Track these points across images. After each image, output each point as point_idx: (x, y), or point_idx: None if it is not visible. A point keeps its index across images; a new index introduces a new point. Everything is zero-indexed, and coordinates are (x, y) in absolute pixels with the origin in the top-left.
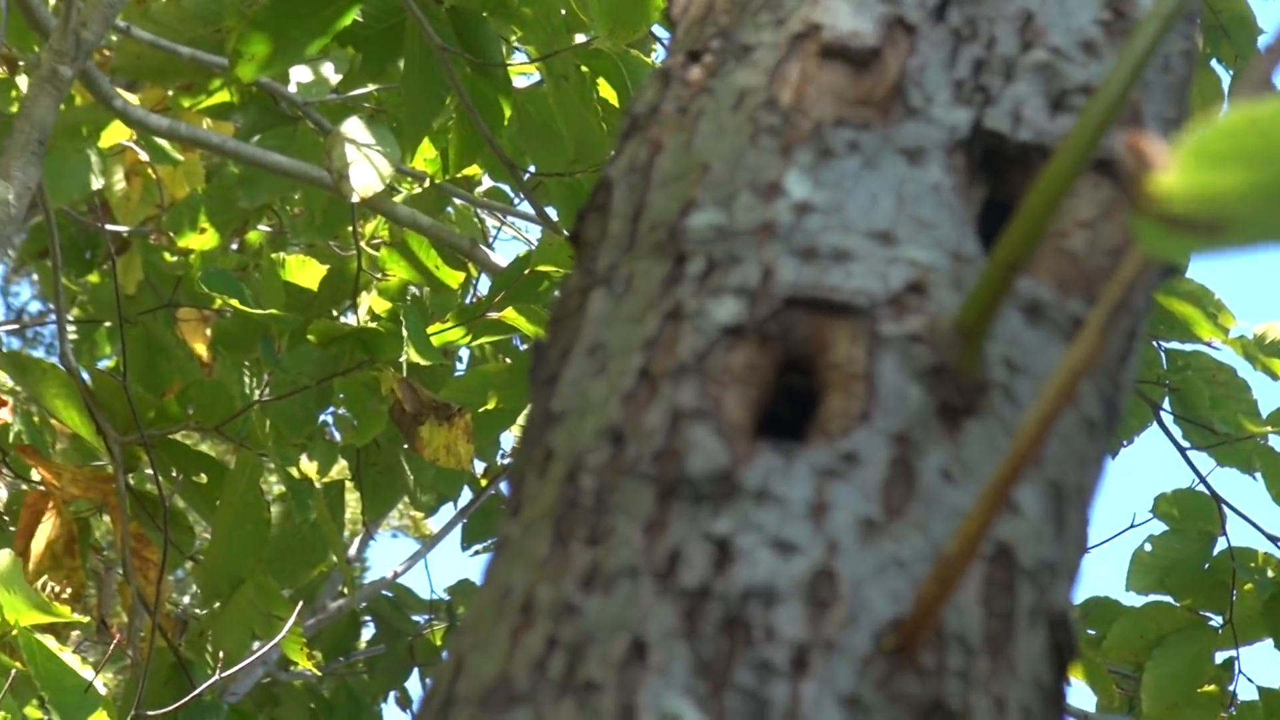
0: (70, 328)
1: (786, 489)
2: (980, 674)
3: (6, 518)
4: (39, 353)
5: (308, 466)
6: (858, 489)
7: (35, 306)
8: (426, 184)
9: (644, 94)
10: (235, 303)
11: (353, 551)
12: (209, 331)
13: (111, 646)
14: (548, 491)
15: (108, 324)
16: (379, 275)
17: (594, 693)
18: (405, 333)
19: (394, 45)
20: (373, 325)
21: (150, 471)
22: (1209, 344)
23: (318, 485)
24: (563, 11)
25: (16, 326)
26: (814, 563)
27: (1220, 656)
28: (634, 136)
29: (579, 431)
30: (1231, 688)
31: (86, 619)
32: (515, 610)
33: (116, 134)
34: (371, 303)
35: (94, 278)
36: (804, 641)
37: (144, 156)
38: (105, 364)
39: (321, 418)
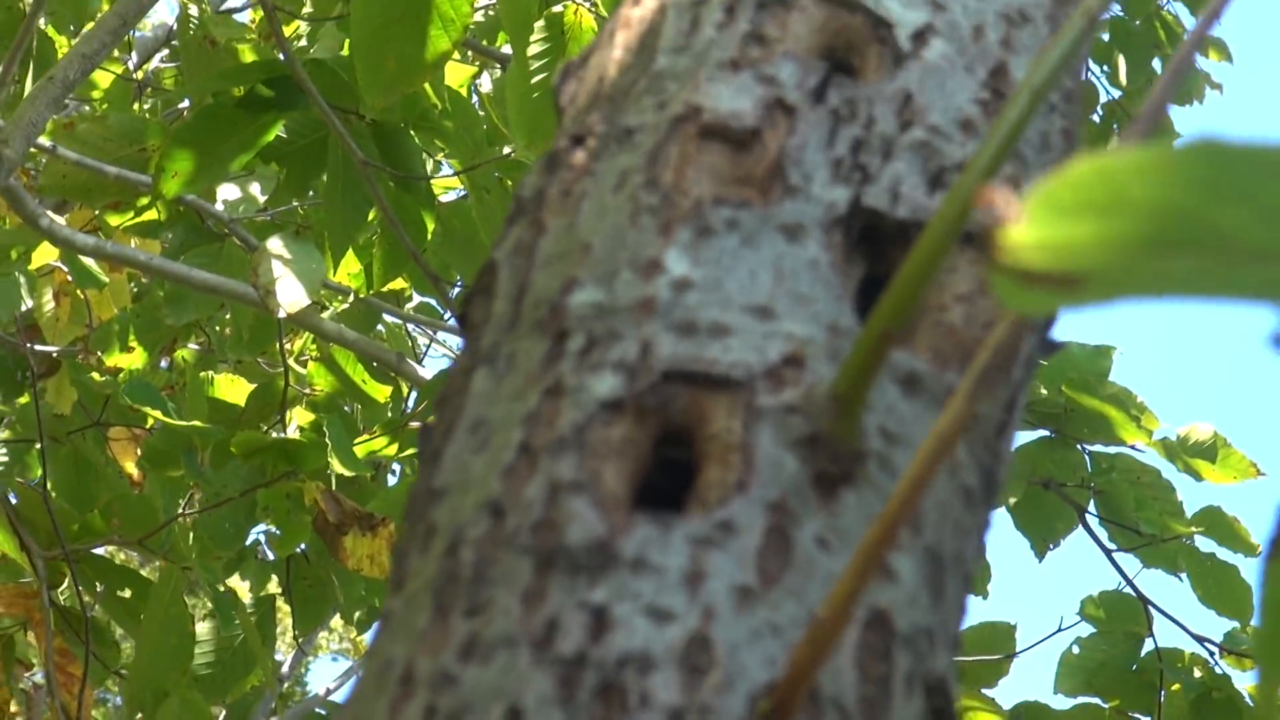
0: (0, 450)
1: (663, 558)
2: None
3: None
4: None
5: (238, 585)
6: (733, 557)
7: None
8: (351, 299)
9: (530, 179)
10: (158, 413)
11: (286, 668)
12: (139, 450)
13: None
14: (429, 566)
15: (38, 445)
16: (307, 391)
17: None
18: (329, 443)
19: (317, 160)
20: (296, 437)
21: (75, 587)
22: (1133, 446)
23: (246, 601)
24: (484, 126)
25: None
26: (689, 629)
27: None
28: (519, 220)
29: (460, 506)
30: None
31: None
32: (395, 682)
33: (45, 255)
34: (296, 415)
35: (24, 399)
36: (679, 707)
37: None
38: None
39: (253, 535)
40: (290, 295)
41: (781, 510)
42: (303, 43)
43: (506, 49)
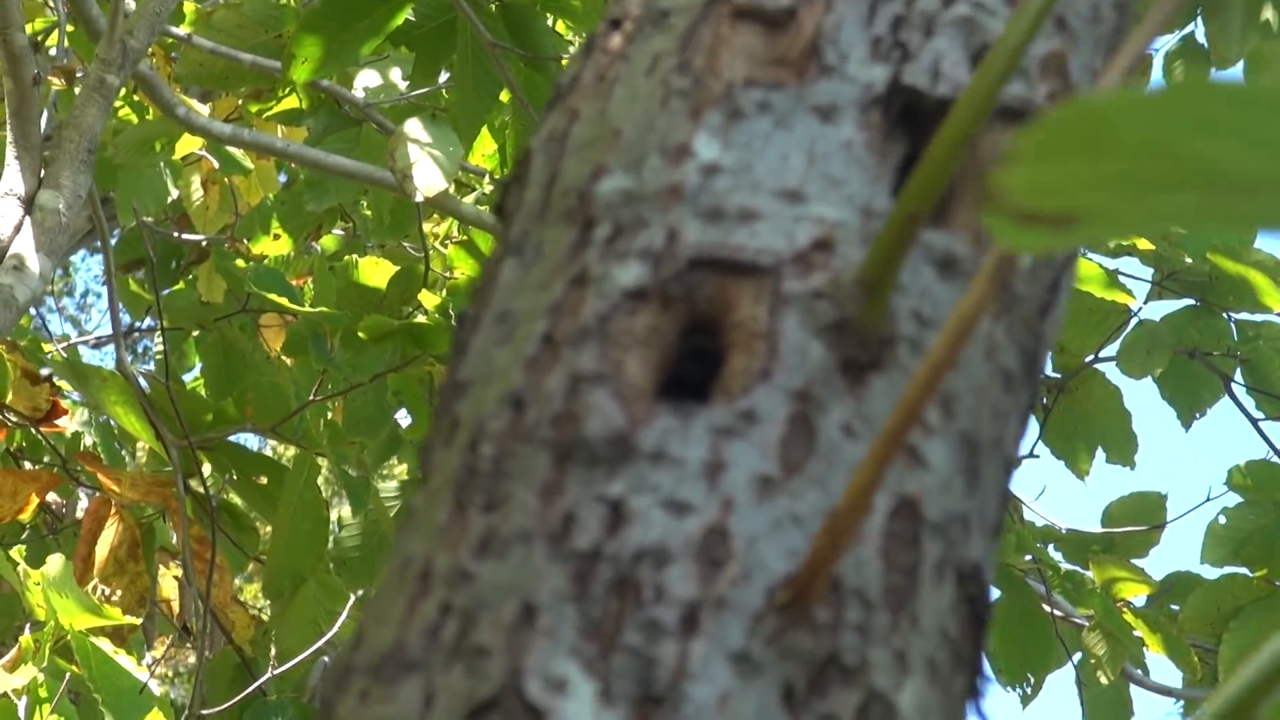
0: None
1: (683, 449)
2: (880, 628)
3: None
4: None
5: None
6: (755, 447)
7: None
8: (487, 181)
9: (570, 65)
10: (285, 301)
11: None
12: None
13: (163, 649)
14: (451, 460)
15: (196, 333)
16: (448, 274)
17: (483, 658)
18: (454, 324)
19: (447, 43)
20: (421, 320)
21: (214, 475)
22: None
23: (376, 484)
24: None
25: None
26: (707, 521)
27: None
28: (555, 107)
29: (483, 399)
30: None
31: (139, 620)
32: (414, 579)
33: (190, 144)
34: (422, 298)
35: (181, 286)
36: (694, 600)
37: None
38: (193, 374)
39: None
40: (427, 179)
41: (806, 398)
42: None
43: None
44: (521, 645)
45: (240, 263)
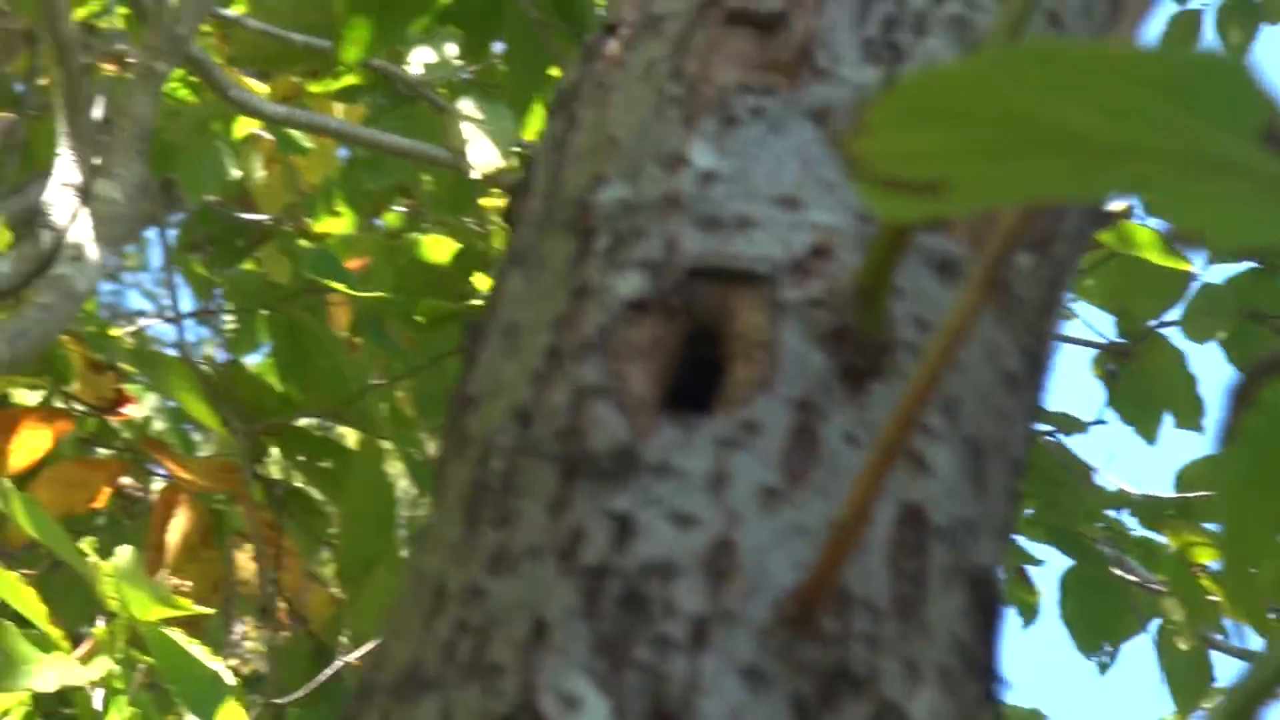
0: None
1: (686, 461)
2: (889, 637)
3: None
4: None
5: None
6: (758, 457)
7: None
8: None
9: (569, 69)
10: (341, 286)
11: None
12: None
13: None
14: (462, 475)
15: (264, 313)
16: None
17: (498, 675)
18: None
19: (495, 20)
20: (479, 303)
21: (281, 460)
22: None
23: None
24: None
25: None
26: (713, 534)
27: None
28: (557, 114)
29: (491, 413)
30: None
31: (213, 610)
32: (429, 596)
33: (249, 125)
34: (477, 281)
35: (249, 265)
36: (702, 614)
37: None
38: (263, 352)
39: None
40: (482, 156)
41: (807, 407)
42: None
43: None
44: (535, 662)
45: (304, 243)
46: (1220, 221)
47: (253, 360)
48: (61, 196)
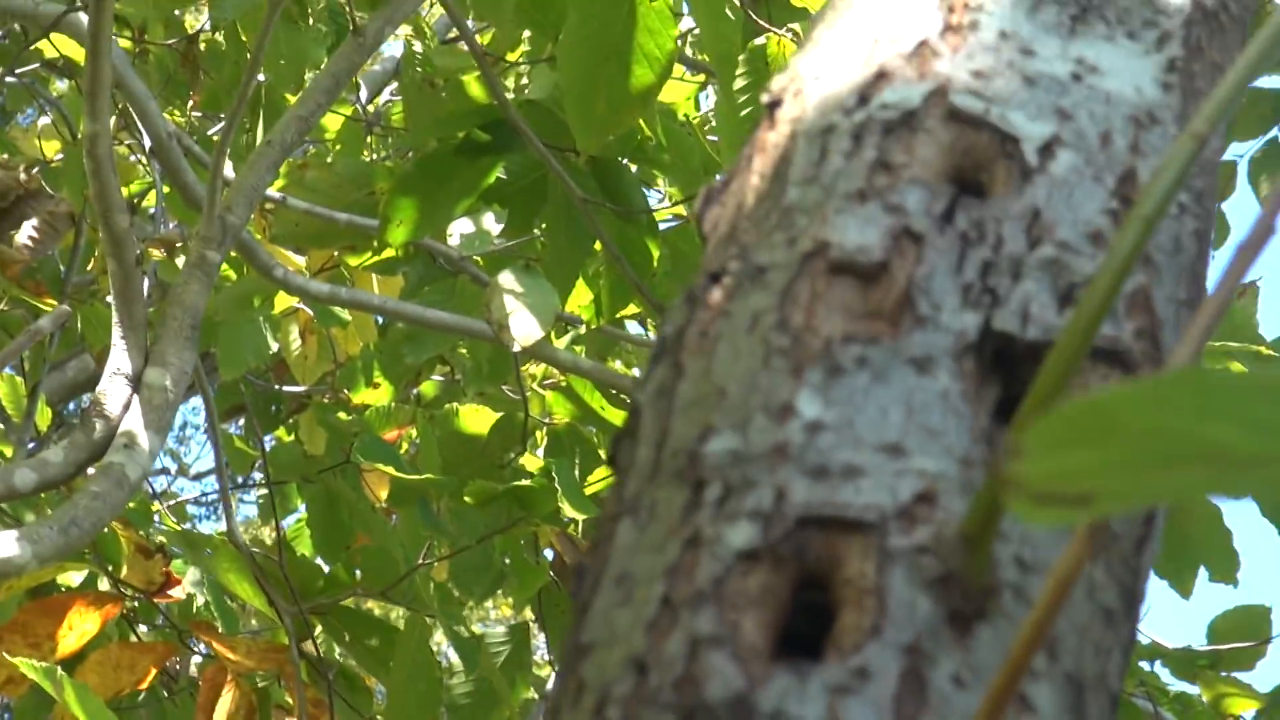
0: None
1: (800, 709)
2: None
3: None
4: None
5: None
6: (870, 703)
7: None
8: (582, 329)
9: (673, 315)
10: (391, 470)
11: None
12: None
13: None
14: None
15: (299, 481)
16: (546, 420)
17: None
18: (559, 488)
19: (538, 199)
20: (527, 484)
21: (324, 638)
22: None
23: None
24: (698, 154)
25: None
26: None
27: None
28: (662, 360)
29: (607, 662)
30: None
31: None
32: None
33: (289, 299)
34: (525, 461)
35: (282, 433)
36: None
37: None
38: (295, 516)
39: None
40: (524, 329)
41: (916, 652)
42: (524, 81)
43: None
44: None
45: (342, 415)
46: None
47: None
48: (115, 385)
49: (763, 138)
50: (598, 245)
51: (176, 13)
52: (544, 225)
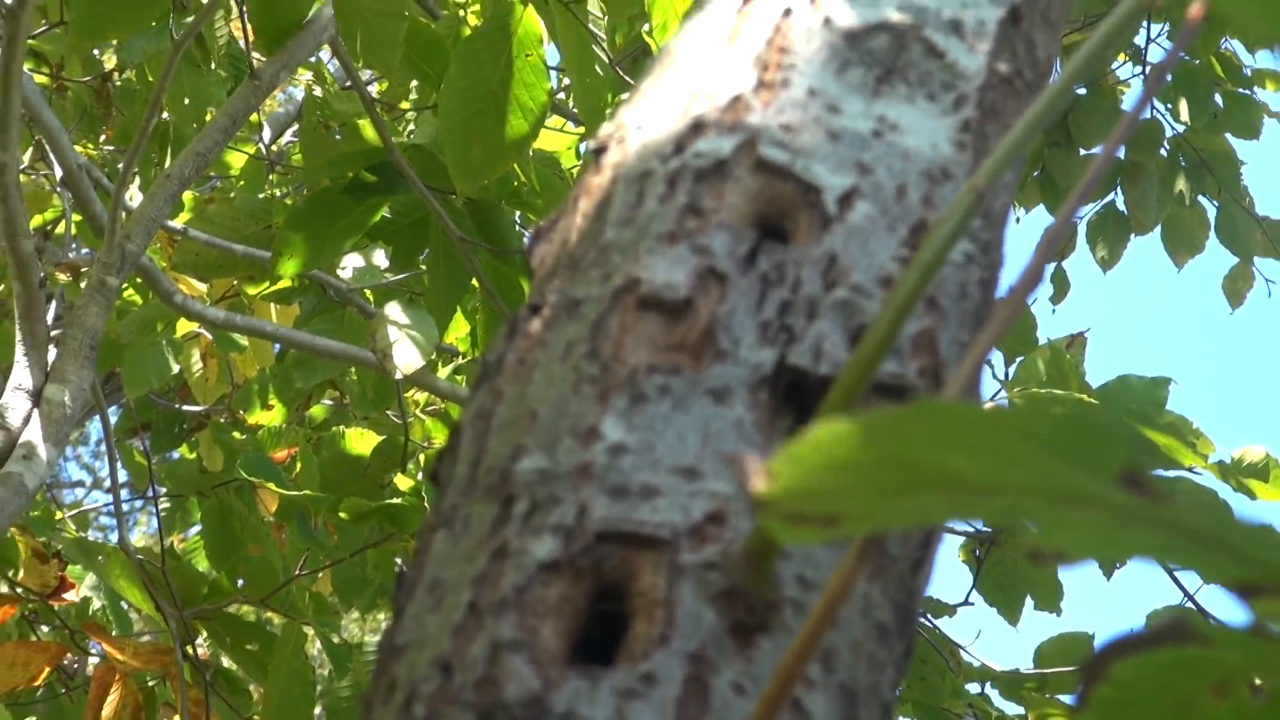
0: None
1: (590, 711)
2: None
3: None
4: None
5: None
6: (654, 707)
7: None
8: (460, 360)
9: (494, 344)
10: (272, 486)
11: None
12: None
13: None
14: (388, 718)
15: (195, 496)
16: (426, 444)
17: None
18: (428, 507)
19: (421, 237)
20: (398, 502)
21: (210, 641)
22: (1190, 470)
23: (363, 640)
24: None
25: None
26: None
27: None
28: (483, 385)
29: (416, 662)
30: None
31: None
32: None
33: (190, 324)
34: (398, 481)
35: (185, 450)
36: None
37: None
38: (193, 531)
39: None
40: (406, 358)
41: (700, 660)
42: (412, 128)
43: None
44: None
45: (236, 434)
46: (1080, 542)
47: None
48: (16, 400)
49: (589, 181)
50: (475, 282)
51: (95, 52)
52: (425, 262)
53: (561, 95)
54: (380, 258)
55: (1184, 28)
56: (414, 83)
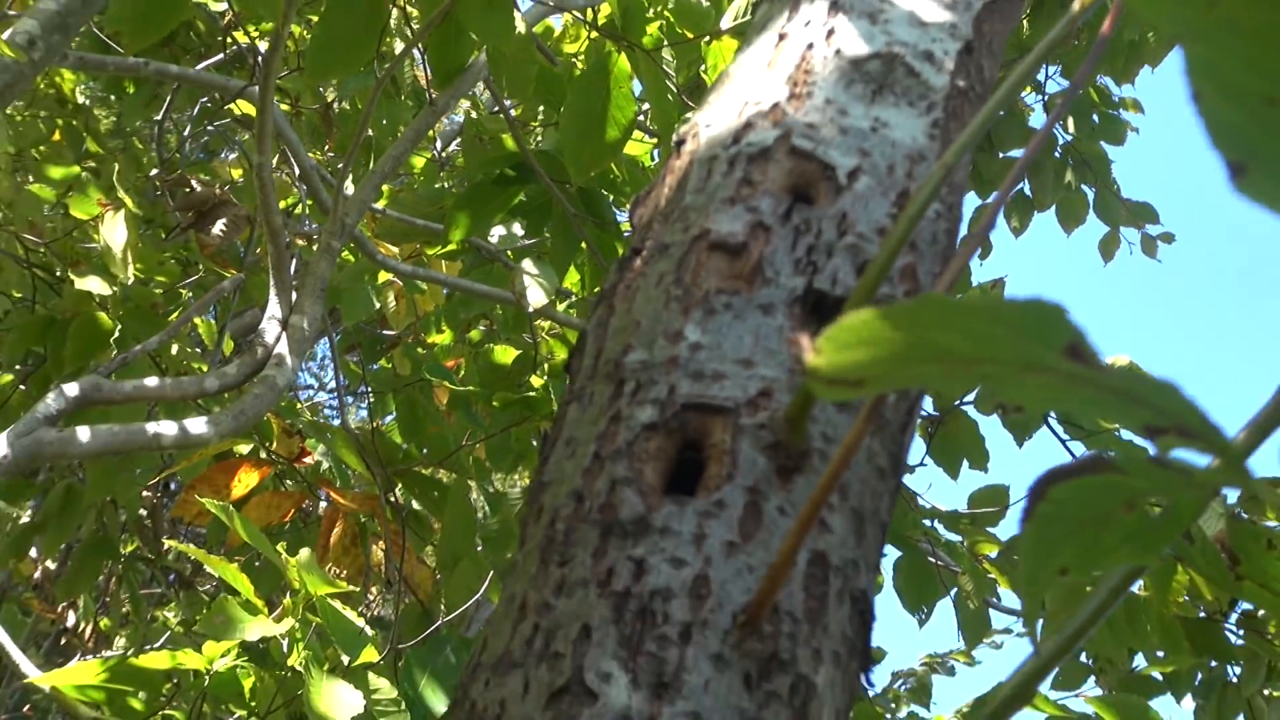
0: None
1: (680, 526)
2: (803, 635)
3: (306, 527)
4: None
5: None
6: (724, 524)
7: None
8: (573, 298)
9: (610, 275)
10: (447, 383)
11: None
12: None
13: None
14: (538, 533)
15: (391, 393)
16: (550, 357)
17: (559, 660)
18: (553, 397)
19: (546, 213)
20: (533, 394)
21: (404, 492)
22: None
23: (505, 491)
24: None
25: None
26: (695, 571)
27: None
28: (601, 304)
29: (558, 494)
30: None
31: (356, 588)
32: (515, 608)
33: (387, 275)
34: (532, 380)
35: (384, 361)
36: (688, 621)
37: None
38: (390, 417)
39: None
40: (536, 297)
41: (755, 491)
42: (540, 138)
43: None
44: (582, 652)
45: (419, 350)
46: (1036, 399)
47: (384, 422)
48: (270, 326)
49: (672, 164)
50: (584, 244)
51: (320, 88)
52: (549, 231)
53: (643, 116)
54: (518, 228)
55: (1096, 42)
56: (540, 107)
